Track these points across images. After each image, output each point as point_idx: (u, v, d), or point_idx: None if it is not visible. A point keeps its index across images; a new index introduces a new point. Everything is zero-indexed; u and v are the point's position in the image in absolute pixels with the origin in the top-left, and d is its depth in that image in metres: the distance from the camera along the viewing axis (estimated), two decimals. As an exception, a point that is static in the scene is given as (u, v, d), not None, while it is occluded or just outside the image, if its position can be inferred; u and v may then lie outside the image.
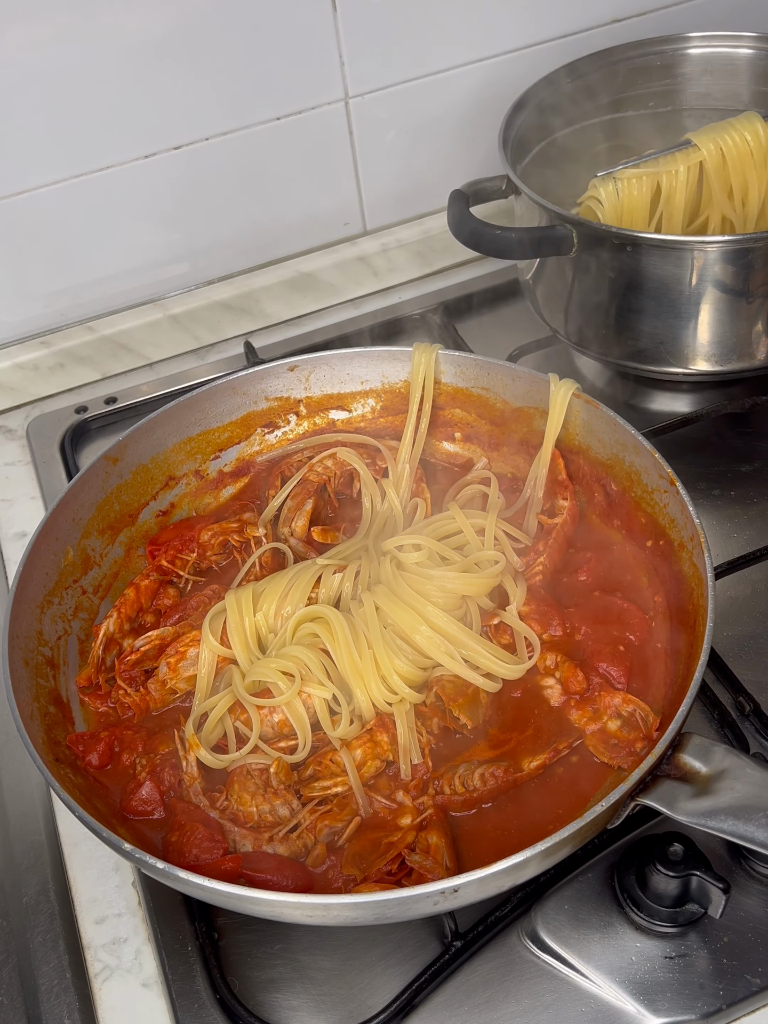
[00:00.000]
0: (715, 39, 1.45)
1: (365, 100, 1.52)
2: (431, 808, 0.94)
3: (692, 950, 0.89)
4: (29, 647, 1.00)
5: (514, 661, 1.02)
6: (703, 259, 1.16)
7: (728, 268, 1.17)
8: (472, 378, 1.18)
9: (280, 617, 1.06)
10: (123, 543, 1.15)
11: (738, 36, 1.44)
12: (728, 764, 0.83)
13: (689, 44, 1.46)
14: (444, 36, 1.51)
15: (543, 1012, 0.88)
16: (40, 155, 1.41)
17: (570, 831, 0.79)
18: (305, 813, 0.94)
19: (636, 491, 1.08)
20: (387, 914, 0.81)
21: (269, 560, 1.15)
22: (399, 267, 1.63)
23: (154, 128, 1.44)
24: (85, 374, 1.54)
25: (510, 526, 1.13)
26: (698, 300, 1.20)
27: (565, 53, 1.53)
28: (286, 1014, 0.90)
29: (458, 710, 0.98)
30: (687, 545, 1.00)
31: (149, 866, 0.82)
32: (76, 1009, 0.92)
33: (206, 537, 1.14)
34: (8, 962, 0.97)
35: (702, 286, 1.18)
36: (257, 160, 1.52)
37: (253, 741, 0.98)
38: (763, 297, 1.20)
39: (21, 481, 1.41)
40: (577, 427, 1.13)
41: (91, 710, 1.04)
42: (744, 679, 1.06)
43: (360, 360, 1.21)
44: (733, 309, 1.21)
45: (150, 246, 1.55)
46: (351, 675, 1.00)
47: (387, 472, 1.19)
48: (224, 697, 1.01)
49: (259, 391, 1.21)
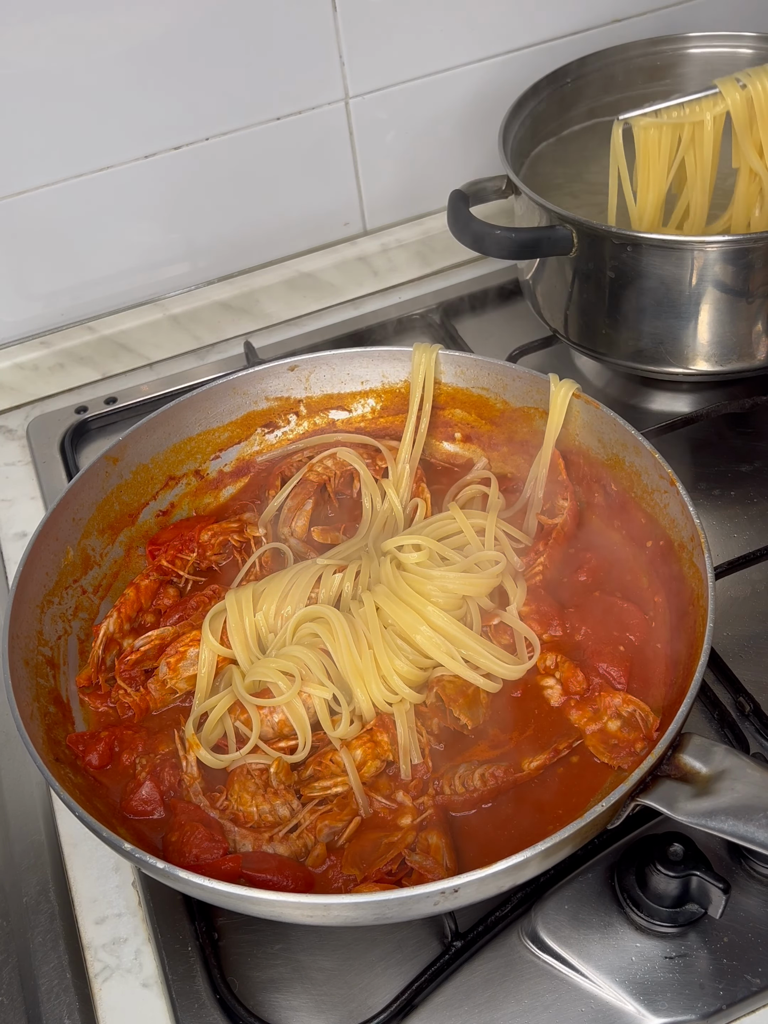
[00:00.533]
0: (715, 39, 1.45)
1: (365, 100, 1.52)
2: (431, 808, 0.94)
3: (692, 950, 0.89)
4: (29, 647, 1.00)
5: (514, 661, 1.02)
6: (703, 259, 1.16)
7: (728, 268, 1.17)
8: (472, 378, 1.18)
9: (280, 617, 1.05)
10: (123, 543, 1.15)
11: (739, 36, 1.43)
12: (728, 764, 0.83)
13: (689, 44, 1.46)
14: (444, 36, 1.51)
15: (543, 1012, 0.88)
16: (40, 155, 1.41)
17: (570, 831, 0.79)
18: (305, 813, 0.94)
19: (636, 491, 1.08)
20: (387, 914, 0.81)
21: (269, 560, 1.15)
22: (399, 267, 1.63)
23: (154, 128, 1.44)
24: (85, 374, 1.54)
25: (510, 526, 1.13)
26: (698, 300, 1.20)
27: (565, 53, 1.53)
28: (286, 1014, 0.90)
29: (458, 710, 0.98)
30: (687, 545, 1.00)
31: (149, 866, 0.82)
32: (76, 1009, 0.92)
33: (206, 537, 1.14)
34: (8, 962, 0.97)
35: (702, 286, 1.18)
36: (257, 160, 1.52)
37: (253, 741, 0.98)
38: (763, 297, 1.20)
39: (21, 481, 1.41)
40: (577, 427, 1.13)
41: (91, 710, 1.04)
42: (744, 679, 1.06)
43: (360, 360, 1.21)
44: (733, 309, 1.21)
45: (150, 246, 1.54)
46: (351, 675, 1.00)
47: (387, 472, 1.19)
48: (224, 697, 1.01)
49: (259, 391, 1.21)
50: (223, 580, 1.14)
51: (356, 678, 0.99)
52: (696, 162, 1.29)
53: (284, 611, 1.05)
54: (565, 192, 1.41)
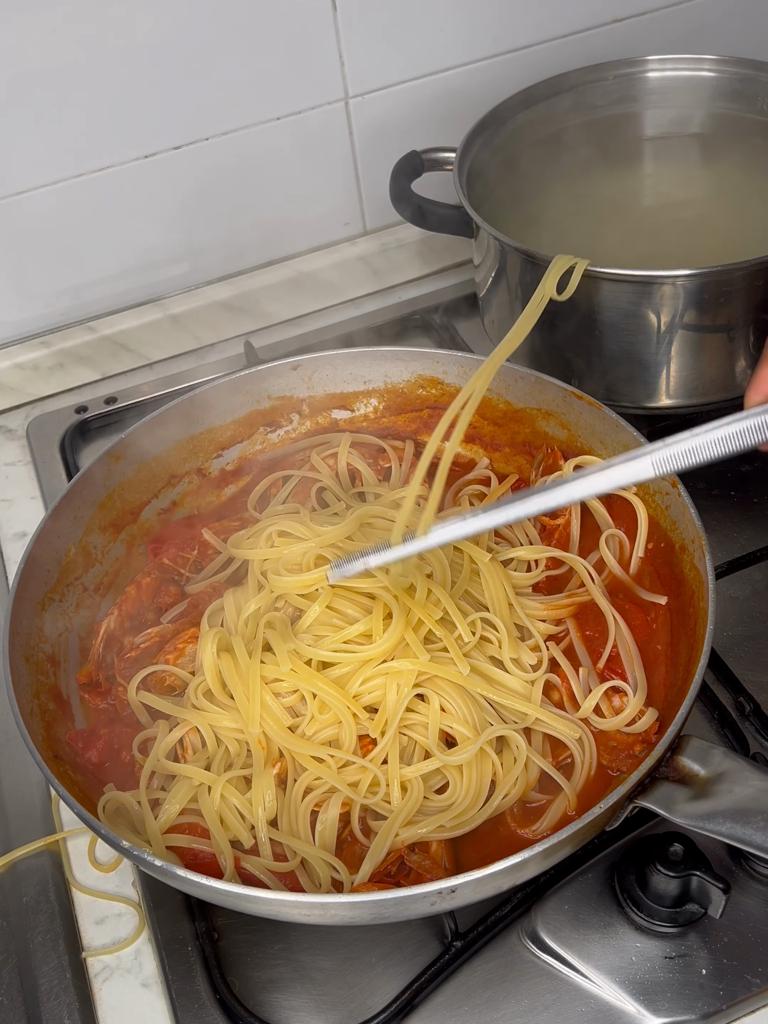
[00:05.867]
0: (675, 63, 1.41)
1: (365, 100, 1.52)
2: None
3: (692, 950, 0.89)
4: (30, 644, 1.00)
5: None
6: (662, 293, 1.13)
7: (690, 303, 1.13)
8: (473, 378, 1.18)
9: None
10: (125, 541, 1.15)
11: (699, 59, 1.40)
12: (727, 767, 0.83)
13: (648, 67, 1.42)
14: (444, 36, 1.51)
15: (543, 1012, 0.88)
16: (40, 155, 1.40)
17: (567, 833, 0.79)
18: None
19: (637, 492, 1.08)
20: (384, 914, 0.81)
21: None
22: (399, 267, 1.63)
23: (154, 128, 1.44)
24: (85, 374, 1.54)
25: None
26: (667, 335, 1.16)
27: (566, 53, 1.53)
28: (286, 1014, 0.90)
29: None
30: (688, 547, 1.00)
31: (148, 864, 0.82)
32: (76, 1009, 0.92)
33: (208, 535, 1.14)
34: (8, 962, 0.96)
35: (665, 320, 1.15)
36: (257, 160, 1.52)
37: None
38: (726, 329, 1.17)
39: (21, 481, 1.41)
40: (579, 429, 1.13)
41: (91, 707, 1.04)
42: (744, 679, 1.06)
43: (363, 360, 1.21)
44: (695, 342, 1.17)
45: (150, 246, 1.54)
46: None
47: (389, 472, 1.19)
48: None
49: (262, 390, 1.21)
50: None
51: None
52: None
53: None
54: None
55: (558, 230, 1.33)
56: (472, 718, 0.95)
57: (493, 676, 0.98)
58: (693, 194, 1.38)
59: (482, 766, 0.93)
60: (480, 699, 0.97)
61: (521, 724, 0.96)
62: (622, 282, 1.13)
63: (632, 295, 1.14)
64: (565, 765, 0.96)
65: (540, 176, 1.40)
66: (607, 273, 1.13)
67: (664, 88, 1.42)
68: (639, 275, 1.12)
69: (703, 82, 1.41)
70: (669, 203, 1.38)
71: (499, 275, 1.27)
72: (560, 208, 1.36)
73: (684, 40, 1.59)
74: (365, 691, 0.96)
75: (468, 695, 0.96)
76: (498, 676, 0.99)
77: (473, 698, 0.96)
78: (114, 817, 0.92)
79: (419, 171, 1.37)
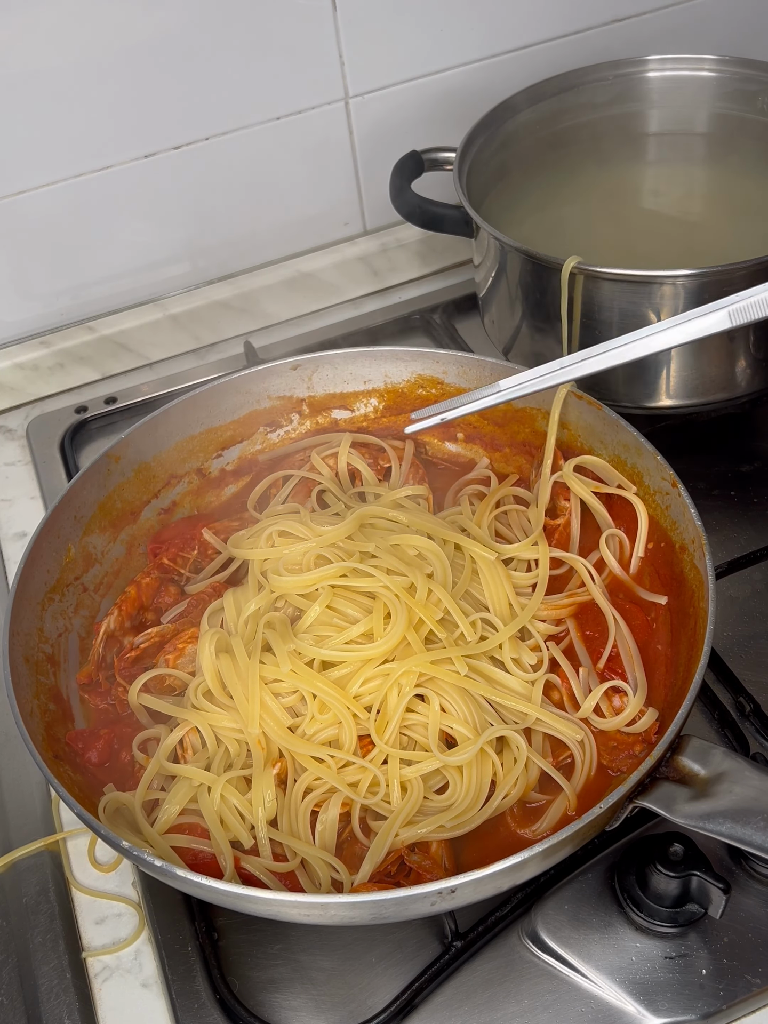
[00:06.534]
0: (675, 62, 1.41)
1: (365, 100, 1.52)
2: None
3: (692, 950, 0.89)
4: (30, 644, 1.00)
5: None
6: (662, 293, 1.12)
7: (690, 303, 1.12)
8: (474, 379, 1.18)
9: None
10: (124, 541, 1.15)
11: (699, 59, 1.39)
12: (727, 767, 0.83)
13: (648, 68, 1.41)
14: (444, 36, 1.51)
15: (543, 1012, 0.88)
16: (40, 155, 1.40)
17: (567, 833, 0.79)
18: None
19: (638, 492, 1.08)
20: (384, 914, 0.81)
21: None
22: (399, 267, 1.63)
23: (154, 128, 1.44)
24: (85, 374, 1.54)
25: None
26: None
27: (566, 52, 1.53)
28: (286, 1014, 0.90)
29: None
30: (688, 547, 1.00)
31: (148, 864, 0.82)
32: (76, 1009, 0.92)
33: (208, 535, 1.14)
34: (8, 962, 0.96)
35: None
36: (257, 160, 1.52)
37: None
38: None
39: (21, 481, 1.41)
40: (579, 429, 1.13)
41: (91, 707, 1.04)
42: (744, 679, 1.06)
43: (363, 360, 1.21)
44: (695, 342, 1.13)
45: (150, 246, 1.54)
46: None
47: (389, 472, 1.19)
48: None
49: (262, 390, 1.21)
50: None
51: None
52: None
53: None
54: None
55: (558, 230, 1.33)
56: (472, 718, 0.95)
57: (493, 676, 0.99)
58: (693, 194, 1.38)
59: (482, 766, 0.93)
60: (480, 699, 0.97)
61: (521, 724, 0.96)
62: (622, 282, 1.13)
63: (632, 295, 1.14)
64: (565, 765, 0.96)
65: (540, 176, 1.41)
66: (607, 273, 1.13)
67: (664, 88, 1.42)
68: (639, 275, 1.12)
69: (703, 82, 1.41)
70: (669, 203, 1.39)
71: (499, 275, 1.27)
72: (560, 208, 1.37)
73: (685, 40, 1.60)
74: (365, 692, 0.96)
75: (468, 695, 0.96)
76: (498, 676, 0.99)
77: (473, 698, 0.96)
78: (114, 817, 0.92)
79: (419, 171, 1.37)
